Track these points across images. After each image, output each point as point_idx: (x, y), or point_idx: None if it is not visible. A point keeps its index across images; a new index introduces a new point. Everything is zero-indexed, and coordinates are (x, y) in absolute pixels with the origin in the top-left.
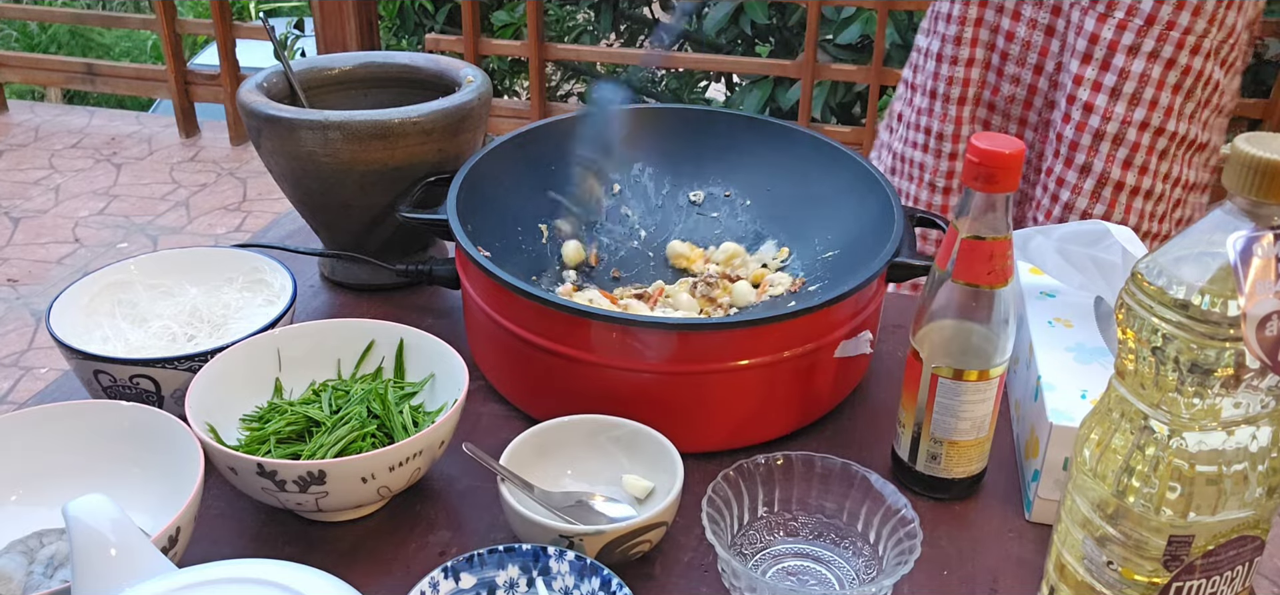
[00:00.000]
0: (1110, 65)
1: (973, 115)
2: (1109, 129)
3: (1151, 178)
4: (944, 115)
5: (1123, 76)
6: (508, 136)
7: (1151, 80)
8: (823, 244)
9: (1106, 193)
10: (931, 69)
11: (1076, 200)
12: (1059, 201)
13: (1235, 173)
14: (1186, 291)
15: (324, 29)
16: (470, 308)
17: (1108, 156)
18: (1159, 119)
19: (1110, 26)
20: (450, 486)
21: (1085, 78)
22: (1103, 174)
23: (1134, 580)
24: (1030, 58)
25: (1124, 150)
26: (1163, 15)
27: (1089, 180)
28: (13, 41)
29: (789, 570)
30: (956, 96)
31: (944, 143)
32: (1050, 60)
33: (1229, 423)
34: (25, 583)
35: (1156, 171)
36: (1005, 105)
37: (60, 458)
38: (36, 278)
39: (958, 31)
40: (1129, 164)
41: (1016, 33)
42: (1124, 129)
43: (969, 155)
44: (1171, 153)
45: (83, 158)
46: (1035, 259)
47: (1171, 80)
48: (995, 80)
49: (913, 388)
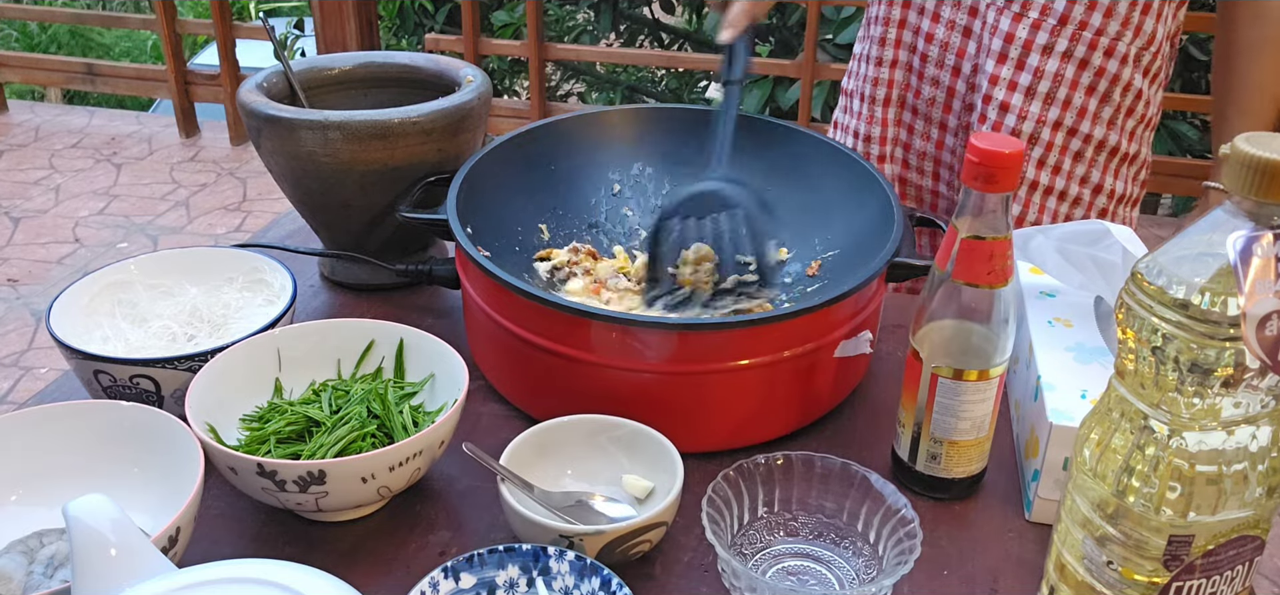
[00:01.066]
0: (1025, 64)
1: (898, 118)
2: (1025, 128)
3: (1066, 179)
4: (871, 118)
5: (1037, 75)
6: (508, 136)
7: (1065, 80)
8: (823, 244)
9: (1022, 192)
10: (860, 72)
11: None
12: None
13: (1235, 172)
14: (1186, 291)
15: (324, 29)
16: (470, 308)
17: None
18: (1072, 119)
19: (1025, 26)
20: (450, 486)
21: (1001, 77)
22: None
23: (1134, 580)
24: (948, 59)
25: (1038, 149)
26: (1075, 15)
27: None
28: (13, 41)
29: (789, 570)
30: (882, 98)
31: (872, 145)
32: (967, 62)
33: (1229, 422)
34: (25, 583)
35: (1072, 174)
36: (926, 108)
37: (60, 458)
38: (36, 278)
39: (882, 33)
40: (1042, 163)
41: (935, 34)
42: (1039, 128)
43: (969, 155)
44: (1089, 156)
45: (83, 158)
46: (1035, 259)
47: (1085, 81)
48: (916, 83)
49: (913, 388)
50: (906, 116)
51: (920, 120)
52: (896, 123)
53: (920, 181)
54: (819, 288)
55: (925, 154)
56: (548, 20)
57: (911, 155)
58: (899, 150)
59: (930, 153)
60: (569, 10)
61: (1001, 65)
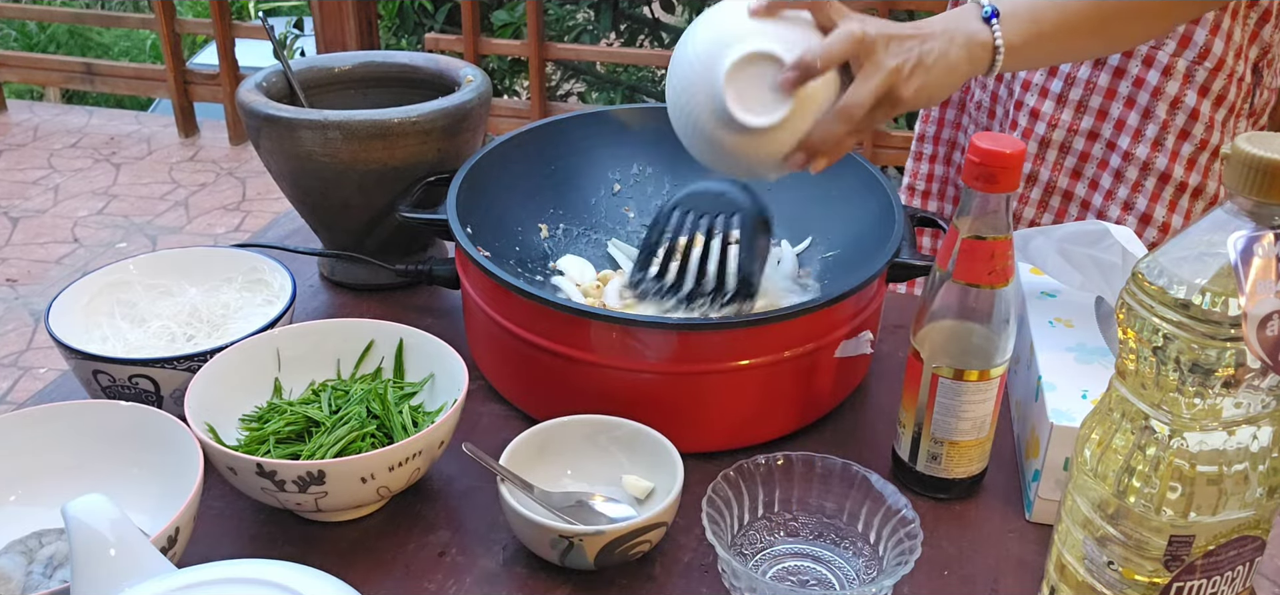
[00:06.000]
0: (1056, 69)
1: (956, 120)
2: (1055, 136)
3: (1105, 199)
4: (926, 116)
5: (1068, 82)
6: (508, 136)
7: (1098, 88)
8: (823, 244)
9: (1054, 201)
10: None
11: (1023, 210)
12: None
13: (1235, 172)
14: (1187, 291)
15: (323, 28)
16: (470, 308)
17: (1053, 165)
18: (1110, 131)
19: None
20: (450, 486)
21: (1033, 81)
22: (1049, 182)
23: (1134, 580)
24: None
25: (1071, 159)
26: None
27: (1036, 189)
28: (11, 41)
29: (789, 570)
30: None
31: (924, 143)
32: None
33: (1230, 423)
34: (25, 583)
35: (1112, 194)
36: (975, 112)
37: (60, 458)
38: (36, 278)
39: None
40: (1078, 174)
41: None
42: (1070, 137)
43: (970, 155)
44: (1131, 178)
45: (82, 157)
46: (1035, 259)
47: (1123, 91)
48: (971, 83)
49: (913, 388)
50: (962, 119)
51: (971, 123)
52: (954, 125)
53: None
54: (819, 288)
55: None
56: (548, 20)
57: (956, 153)
58: (957, 154)
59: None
60: (569, 10)
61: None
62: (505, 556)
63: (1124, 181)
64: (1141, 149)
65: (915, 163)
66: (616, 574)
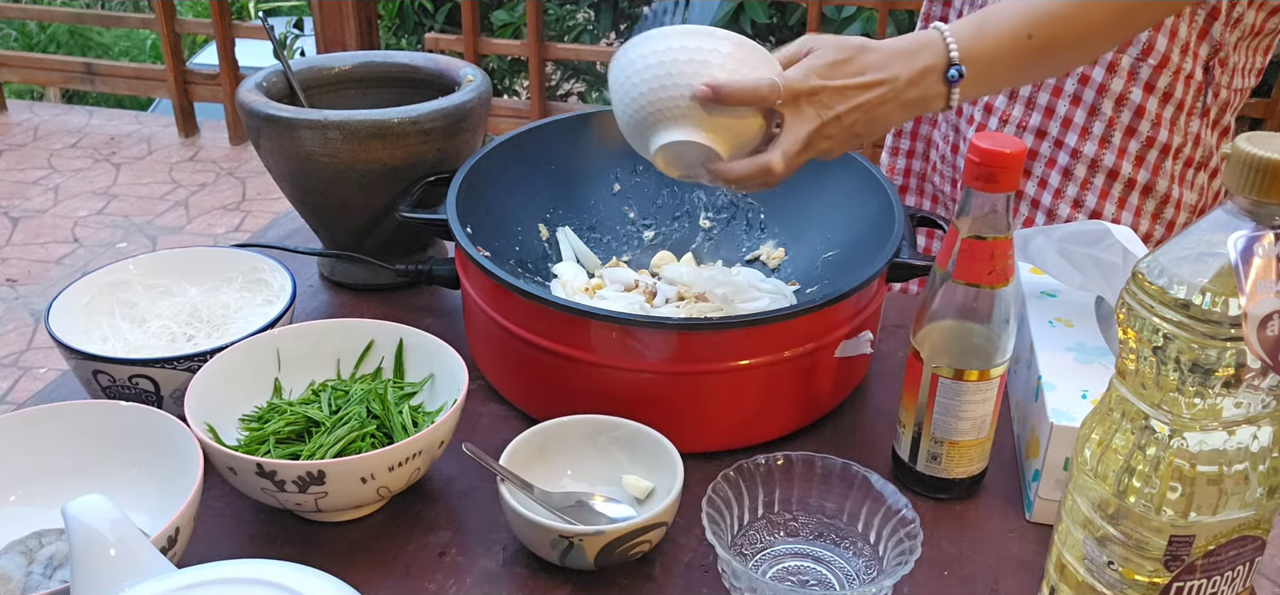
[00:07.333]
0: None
1: (931, 116)
2: (1005, 132)
3: (1054, 197)
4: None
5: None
6: (508, 136)
7: (1045, 84)
8: (823, 244)
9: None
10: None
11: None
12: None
13: (1235, 172)
14: (1187, 291)
15: (323, 28)
16: (470, 308)
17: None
18: (1057, 129)
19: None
20: (450, 486)
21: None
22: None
23: (1134, 580)
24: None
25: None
26: None
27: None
28: (12, 41)
29: (789, 570)
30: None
31: (902, 139)
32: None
33: (1230, 422)
34: (25, 583)
35: (1061, 192)
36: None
37: (60, 458)
38: (36, 277)
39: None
40: (1027, 173)
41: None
42: (1020, 133)
43: (970, 155)
44: (1080, 176)
45: (82, 157)
46: (1035, 259)
47: (1069, 89)
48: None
49: (913, 388)
50: (936, 115)
51: (943, 120)
52: (929, 121)
53: (940, 184)
54: (819, 288)
55: (945, 156)
56: (548, 20)
57: (932, 152)
58: (933, 152)
59: (948, 155)
60: (569, 10)
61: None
62: (505, 557)
63: (1073, 179)
64: (1089, 147)
65: (891, 158)
66: (616, 574)
